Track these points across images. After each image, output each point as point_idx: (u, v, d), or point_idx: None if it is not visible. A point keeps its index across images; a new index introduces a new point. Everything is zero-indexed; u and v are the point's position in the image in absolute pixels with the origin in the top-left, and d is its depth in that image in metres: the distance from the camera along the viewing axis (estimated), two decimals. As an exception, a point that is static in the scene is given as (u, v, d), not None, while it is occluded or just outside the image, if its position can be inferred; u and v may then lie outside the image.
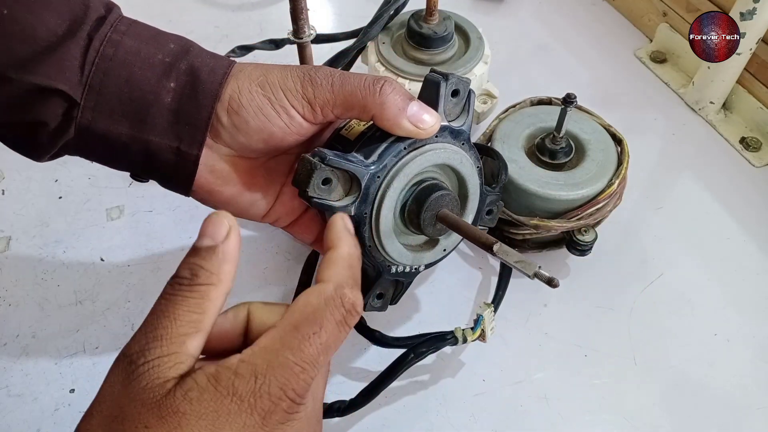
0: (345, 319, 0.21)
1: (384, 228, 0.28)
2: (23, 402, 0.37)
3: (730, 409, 0.37)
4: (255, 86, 0.27)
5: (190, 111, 0.26)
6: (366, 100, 0.27)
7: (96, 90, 0.25)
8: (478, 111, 0.47)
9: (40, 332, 0.40)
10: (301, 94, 0.27)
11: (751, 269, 0.43)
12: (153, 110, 0.26)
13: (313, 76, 0.27)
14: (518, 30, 0.62)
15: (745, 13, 0.45)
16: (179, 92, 0.26)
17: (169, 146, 0.26)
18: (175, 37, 0.27)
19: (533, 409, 0.37)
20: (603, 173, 0.40)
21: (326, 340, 0.20)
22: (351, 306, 0.21)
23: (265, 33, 0.58)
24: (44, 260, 0.44)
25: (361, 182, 0.27)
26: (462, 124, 0.30)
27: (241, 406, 0.18)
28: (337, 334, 0.21)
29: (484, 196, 0.33)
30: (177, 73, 0.26)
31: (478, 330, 0.35)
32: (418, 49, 0.46)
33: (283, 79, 0.27)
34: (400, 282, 0.32)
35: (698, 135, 0.52)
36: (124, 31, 0.26)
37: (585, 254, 0.41)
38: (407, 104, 0.27)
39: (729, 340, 0.40)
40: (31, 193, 0.47)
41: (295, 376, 0.19)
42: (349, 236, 0.25)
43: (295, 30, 0.34)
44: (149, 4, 0.63)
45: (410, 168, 0.28)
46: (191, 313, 0.20)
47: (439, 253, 0.32)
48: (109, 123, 0.25)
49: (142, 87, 0.25)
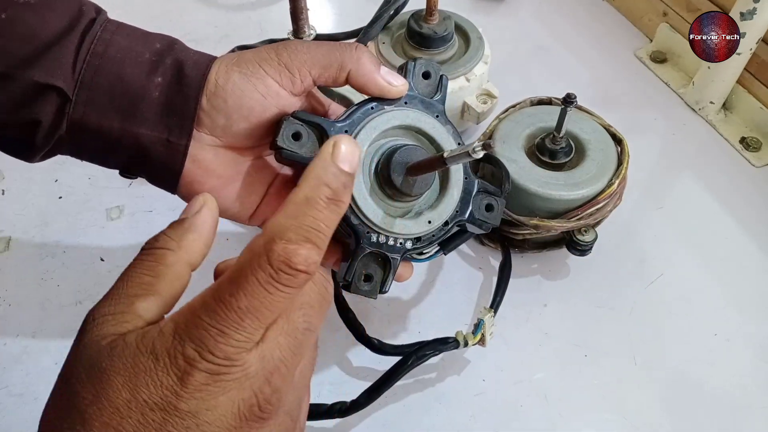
0: (273, 278, 0.17)
1: (355, 184, 0.28)
2: (23, 402, 0.37)
3: (730, 409, 0.37)
4: (231, 66, 0.27)
5: (177, 102, 0.27)
6: (344, 55, 0.28)
7: (87, 86, 0.26)
8: (478, 111, 0.47)
9: (41, 332, 0.40)
10: (276, 61, 0.27)
11: (751, 269, 0.43)
12: (142, 104, 0.26)
13: (288, 44, 0.28)
14: (518, 30, 0.62)
15: (746, 13, 0.45)
16: (166, 86, 0.27)
17: (159, 138, 0.27)
18: (161, 36, 0.28)
19: (533, 409, 0.37)
20: (603, 173, 0.40)
21: (248, 304, 0.17)
22: (281, 263, 0.17)
23: (265, 33, 0.58)
24: (44, 260, 0.44)
25: (327, 134, 0.28)
26: (434, 99, 0.31)
27: (157, 364, 0.17)
28: (266, 295, 0.17)
29: (472, 181, 0.31)
30: (164, 68, 0.27)
31: (479, 334, 0.35)
32: (418, 49, 0.46)
33: (257, 53, 0.28)
34: (388, 262, 0.29)
35: (698, 135, 0.52)
36: (113, 30, 0.27)
37: (585, 254, 0.41)
38: (379, 65, 0.29)
39: (729, 340, 0.40)
40: (31, 193, 0.47)
41: (212, 339, 0.17)
42: (326, 166, 0.19)
43: (295, 30, 0.34)
44: (149, 4, 0.63)
45: (377, 122, 0.29)
46: (143, 275, 0.19)
47: (423, 225, 0.30)
48: (101, 117, 0.26)
49: (131, 82, 0.26)
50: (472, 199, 0.32)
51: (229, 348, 0.17)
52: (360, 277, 0.29)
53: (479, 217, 0.32)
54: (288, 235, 0.18)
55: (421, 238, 0.30)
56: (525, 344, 0.40)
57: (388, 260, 0.29)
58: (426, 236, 0.30)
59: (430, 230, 0.30)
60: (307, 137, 0.28)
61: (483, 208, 0.32)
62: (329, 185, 0.19)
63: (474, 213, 0.32)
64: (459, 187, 0.31)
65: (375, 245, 0.29)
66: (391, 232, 0.29)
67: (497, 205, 0.32)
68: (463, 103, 0.47)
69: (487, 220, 0.32)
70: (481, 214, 0.32)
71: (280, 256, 0.17)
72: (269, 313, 0.18)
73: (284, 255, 0.17)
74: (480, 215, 0.32)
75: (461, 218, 0.31)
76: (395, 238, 0.29)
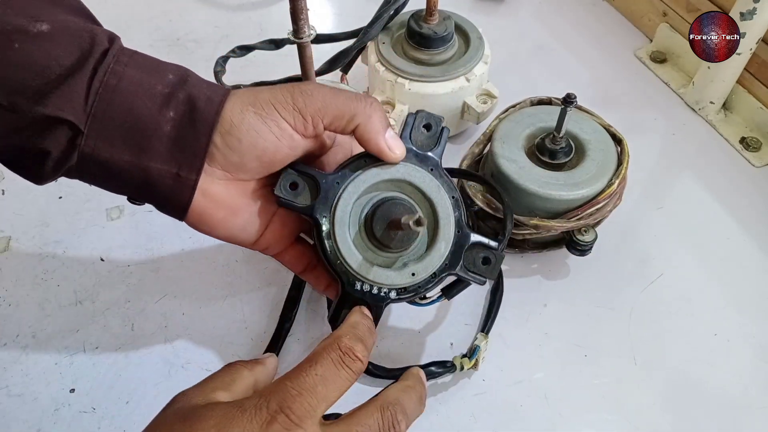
0: (341, 358, 0.25)
1: (340, 231, 0.30)
2: (23, 402, 0.37)
3: (730, 409, 0.37)
4: (246, 106, 0.28)
5: (188, 138, 0.27)
6: (356, 109, 0.29)
7: (99, 119, 0.26)
8: (478, 111, 0.47)
9: (40, 332, 0.40)
10: (292, 105, 0.28)
11: (751, 269, 0.43)
12: (154, 138, 0.27)
13: (304, 88, 0.29)
14: (518, 30, 0.62)
15: (745, 13, 0.45)
16: (178, 121, 0.27)
17: (169, 171, 0.27)
18: (174, 67, 0.28)
19: (533, 409, 0.37)
20: (603, 173, 0.40)
21: (322, 372, 0.24)
22: (347, 349, 0.25)
23: (265, 33, 0.58)
24: (44, 260, 0.44)
25: (320, 185, 0.30)
26: (431, 152, 0.32)
27: (244, 415, 0.23)
28: (334, 370, 0.25)
29: (466, 234, 0.31)
30: (176, 102, 0.27)
31: (474, 359, 0.35)
32: (418, 49, 0.46)
33: (273, 94, 0.28)
34: (371, 310, 0.30)
35: (698, 135, 0.52)
36: (126, 62, 0.27)
37: (585, 254, 0.41)
38: (387, 127, 0.30)
39: (729, 340, 0.40)
40: (31, 193, 0.47)
41: (292, 398, 0.23)
42: (361, 315, 0.29)
43: (295, 30, 0.34)
44: (149, 5, 0.63)
45: (367, 175, 0.31)
46: (223, 378, 0.26)
47: (406, 276, 0.30)
48: (111, 150, 0.26)
49: (143, 116, 0.26)
50: (465, 252, 0.31)
51: (302, 409, 0.23)
52: (342, 318, 0.30)
53: (474, 270, 0.31)
54: (350, 336, 0.26)
55: (406, 288, 0.31)
56: (525, 344, 0.40)
57: (372, 309, 0.30)
58: (411, 287, 0.31)
59: (414, 282, 0.31)
60: (303, 187, 0.30)
61: (479, 261, 0.32)
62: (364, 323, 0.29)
63: (468, 266, 0.31)
64: (448, 240, 0.31)
65: (359, 292, 0.30)
66: (374, 282, 0.30)
67: (494, 260, 0.32)
68: (463, 103, 0.47)
69: (482, 274, 0.31)
70: (476, 268, 0.31)
71: (347, 345, 0.26)
72: (334, 387, 0.24)
73: (349, 344, 0.26)
74: (475, 268, 0.31)
75: (451, 270, 0.31)
76: (379, 287, 0.30)
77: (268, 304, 0.41)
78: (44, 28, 0.25)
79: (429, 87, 0.46)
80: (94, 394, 0.37)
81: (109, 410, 0.37)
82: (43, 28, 0.25)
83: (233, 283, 0.43)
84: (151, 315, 0.41)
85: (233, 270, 0.43)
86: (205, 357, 0.39)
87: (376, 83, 0.48)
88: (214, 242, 0.43)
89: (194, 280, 0.43)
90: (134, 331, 0.40)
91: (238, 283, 0.43)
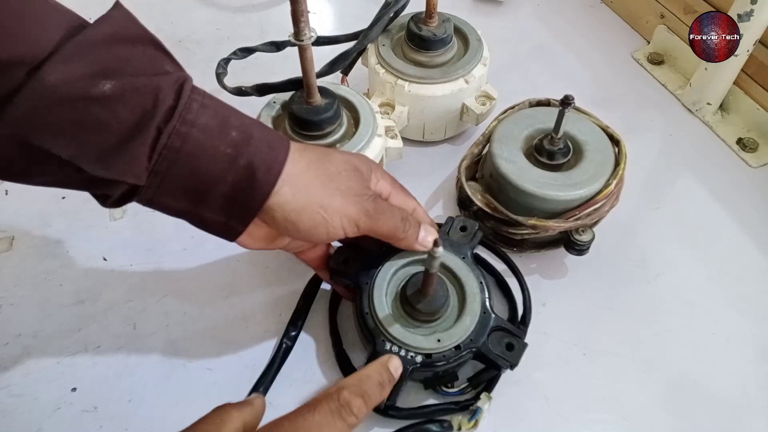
0: (338, 410, 0.26)
1: (377, 294, 0.35)
2: (24, 401, 0.37)
3: (730, 409, 0.37)
4: (317, 207, 0.30)
5: (243, 200, 0.29)
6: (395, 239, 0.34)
7: (161, 176, 0.27)
8: (477, 112, 0.47)
9: (42, 332, 0.40)
10: (355, 222, 0.32)
11: (750, 269, 0.44)
12: (211, 195, 0.28)
13: (373, 215, 0.32)
14: (517, 32, 0.62)
15: (743, 14, 0.45)
16: (236, 185, 0.28)
17: (219, 220, 0.29)
18: (239, 122, 0.29)
19: (533, 409, 0.37)
20: (601, 174, 0.40)
21: (318, 419, 0.25)
22: (345, 402, 0.26)
23: (266, 35, 0.58)
24: (46, 260, 0.44)
25: (366, 259, 0.37)
26: (465, 246, 0.38)
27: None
28: (330, 419, 0.26)
29: (490, 315, 0.35)
30: (236, 168, 0.28)
31: (474, 421, 0.35)
32: (417, 51, 0.46)
33: (344, 206, 0.31)
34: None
35: (695, 136, 0.52)
36: (191, 121, 0.27)
37: (582, 254, 0.41)
38: (420, 233, 0.35)
39: (729, 340, 0.40)
40: (33, 193, 0.47)
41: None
42: (381, 367, 0.30)
43: (295, 32, 0.34)
44: (150, 5, 0.63)
45: (406, 252, 0.37)
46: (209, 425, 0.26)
47: (432, 342, 0.33)
48: (170, 200, 0.28)
49: (205, 177, 0.28)
50: (489, 333, 0.35)
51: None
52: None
53: (498, 353, 0.34)
54: (352, 390, 0.27)
55: (431, 355, 0.33)
56: (524, 344, 0.40)
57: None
58: (437, 355, 0.33)
59: (440, 348, 0.33)
60: (352, 260, 0.37)
61: (504, 346, 0.34)
62: (381, 376, 0.30)
63: (493, 348, 0.34)
64: (474, 316, 0.35)
65: (388, 353, 0.33)
66: (402, 343, 0.33)
67: (517, 346, 0.34)
68: (462, 104, 0.48)
69: (505, 358, 0.34)
70: (501, 351, 0.34)
71: (346, 398, 0.27)
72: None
73: (348, 398, 0.27)
74: (499, 351, 0.34)
75: (475, 345, 0.34)
76: (406, 349, 0.33)
77: (270, 304, 0.42)
78: (107, 89, 0.24)
79: (428, 89, 0.46)
80: (95, 393, 0.37)
81: (110, 409, 0.37)
82: (106, 89, 0.24)
83: (234, 283, 0.43)
84: (152, 315, 0.41)
85: (234, 270, 0.43)
86: (207, 356, 0.39)
87: (376, 85, 0.48)
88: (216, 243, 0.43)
89: (195, 280, 0.43)
90: (136, 331, 0.40)
91: (239, 283, 0.43)
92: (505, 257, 0.42)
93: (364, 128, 0.42)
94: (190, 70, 0.29)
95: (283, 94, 0.43)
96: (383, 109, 0.47)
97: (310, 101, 0.39)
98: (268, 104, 0.43)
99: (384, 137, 0.43)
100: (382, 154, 0.43)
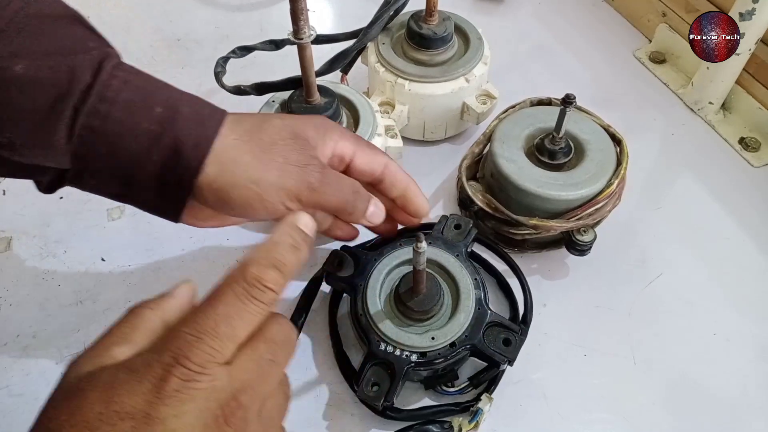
0: (247, 291, 0.21)
1: (371, 295, 0.35)
2: (24, 402, 0.37)
3: (730, 409, 0.37)
4: (249, 183, 0.27)
5: (173, 180, 0.27)
6: (343, 214, 0.32)
7: (83, 158, 0.26)
8: (478, 111, 0.47)
9: (41, 332, 0.40)
10: (296, 196, 0.29)
11: (751, 269, 0.44)
12: (139, 177, 0.27)
13: (318, 187, 0.29)
14: (518, 30, 0.62)
15: (744, 13, 0.45)
16: (165, 164, 0.27)
17: (155, 203, 0.28)
18: (166, 97, 0.27)
19: (532, 409, 0.37)
20: (602, 173, 0.40)
21: (224, 310, 0.21)
22: (254, 279, 0.21)
23: (265, 33, 0.58)
24: (45, 260, 0.44)
25: (360, 260, 0.37)
26: (459, 244, 0.38)
27: (131, 376, 0.19)
28: (240, 305, 0.21)
29: (485, 311, 0.35)
30: (162, 146, 0.26)
31: (474, 422, 0.35)
32: (417, 50, 0.46)
33: (281, 179, 0.28)
34: (395, 374, 0.32)
35: (697, 135, 0.52)
36: (111, 98, 0.25)
37: (584, 254, 0.41)
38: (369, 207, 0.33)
39: (729, 340, 0.40)
40: (31, 193, 0.46)
41: (188, 344, 0.19)
42: (289, 228, 0.25)
43: (295, 30, 0.34)
44: (150, 5, 0.63)
45: (399, 252, 0.37)
46: (122, 328, 0.22)
47: (426, 340, 0.33)
48: (99, 183, 0.27)
49: (127, 158, 0.26)
50: (486, 329, 0.34)
51: (203, 354, 0.19)
52: (368, 383, 0.33)
53: (495, 349, 0.34)
54: (261, 262, 0.22)
55: (426, 354, 0.33)
56: (524, 344, 0.40)
57: (395, 372, 0.32)
58: (431, 353, 0.33)
59: (434, 346, 0.33)
60: (347, 263, 0.37)
61: (500, 342, 0.34)
62: (292, 237, 0.24)
63: (489, 344, 0.34)
64: (468, 313, 0.34)
65: (382, 353, 0.33)
66: (396, 342, 0.33)
67: (514, 342, 0.34)
68: (462, 103, 0.48)
69: (502, 353, 0.34)
70: (497, 347, 0.34)
71: (254, 274, 0.22)
72: (241, 324, 0.21)
73: (257, 273, 0.22)
74: (496, 347, 0.34)
75: (470, 342, 0.34)
76: (401, 349, 0.33)
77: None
78: (18, 69, 0.23)
79: (429, 87, 0.46)
80: (94, 393, 0.37)
81: (109, 410, 0.37)
82: (18, 69, 0.23)
83: (233, 283, 0.43)
84: (151, 315, 0.41)
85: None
86: (206, 357, 0.39)
87: (376, 84, 0.48)
88: (215, 242, 0.43)
89: (195, 280, 0.43)
90: (135, 331, 0.40)
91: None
92: (506, 257, 0.42)
93: (363, 127, 0.41)
94: (189, 69, 0.29)
95: (283, 93, 0.43)
96: (383, 108, 0.47)
97: (309, 100, 0.39)
98: (267, 103, 0.43)
99: (384, 136, 0.43)
100: (382, 153, 0.43)
